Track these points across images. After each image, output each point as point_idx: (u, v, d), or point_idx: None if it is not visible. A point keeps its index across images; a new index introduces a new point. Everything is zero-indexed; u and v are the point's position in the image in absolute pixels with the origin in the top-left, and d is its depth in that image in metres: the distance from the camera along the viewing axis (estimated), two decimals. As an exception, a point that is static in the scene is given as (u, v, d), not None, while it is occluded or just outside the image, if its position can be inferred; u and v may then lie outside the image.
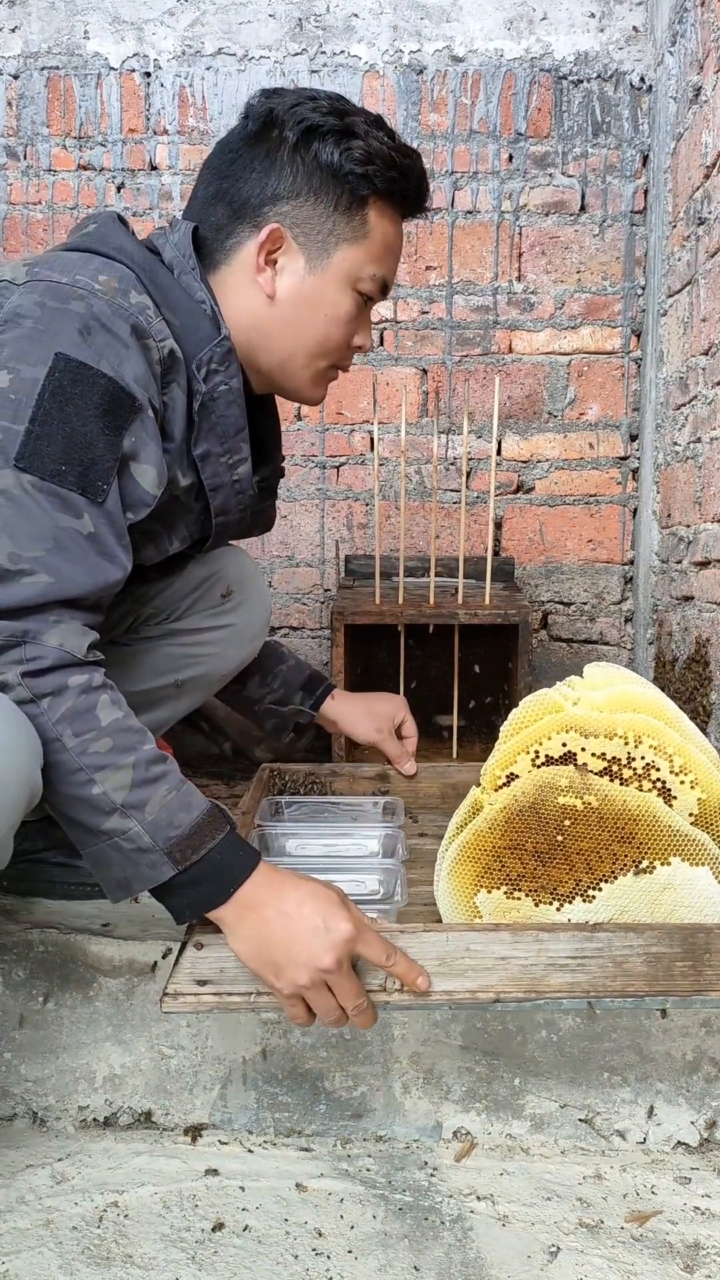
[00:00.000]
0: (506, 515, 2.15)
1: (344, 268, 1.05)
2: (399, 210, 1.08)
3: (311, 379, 1.11)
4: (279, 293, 1.05)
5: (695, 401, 1.72)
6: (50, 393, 0.88)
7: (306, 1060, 1.11)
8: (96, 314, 0.92)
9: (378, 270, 1.07)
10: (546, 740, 1.05)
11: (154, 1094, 1.12)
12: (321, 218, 1.03)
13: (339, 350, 1.10)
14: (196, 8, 2.05)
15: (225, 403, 1.04)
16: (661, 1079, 1.09)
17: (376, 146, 1.03)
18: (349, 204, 1.03)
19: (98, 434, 0.90)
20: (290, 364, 1.09)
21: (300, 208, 1.03)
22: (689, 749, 1.04)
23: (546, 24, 2.03)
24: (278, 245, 1.04)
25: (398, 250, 1.11)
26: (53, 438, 0.88)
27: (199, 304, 1.02)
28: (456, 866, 1.04)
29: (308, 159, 1.02)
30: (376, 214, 1.05)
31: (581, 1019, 1.09)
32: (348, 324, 1.08)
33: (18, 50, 2.06)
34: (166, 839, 0.87)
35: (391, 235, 1.08)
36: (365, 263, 1.06)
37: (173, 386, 1.00)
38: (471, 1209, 0.99)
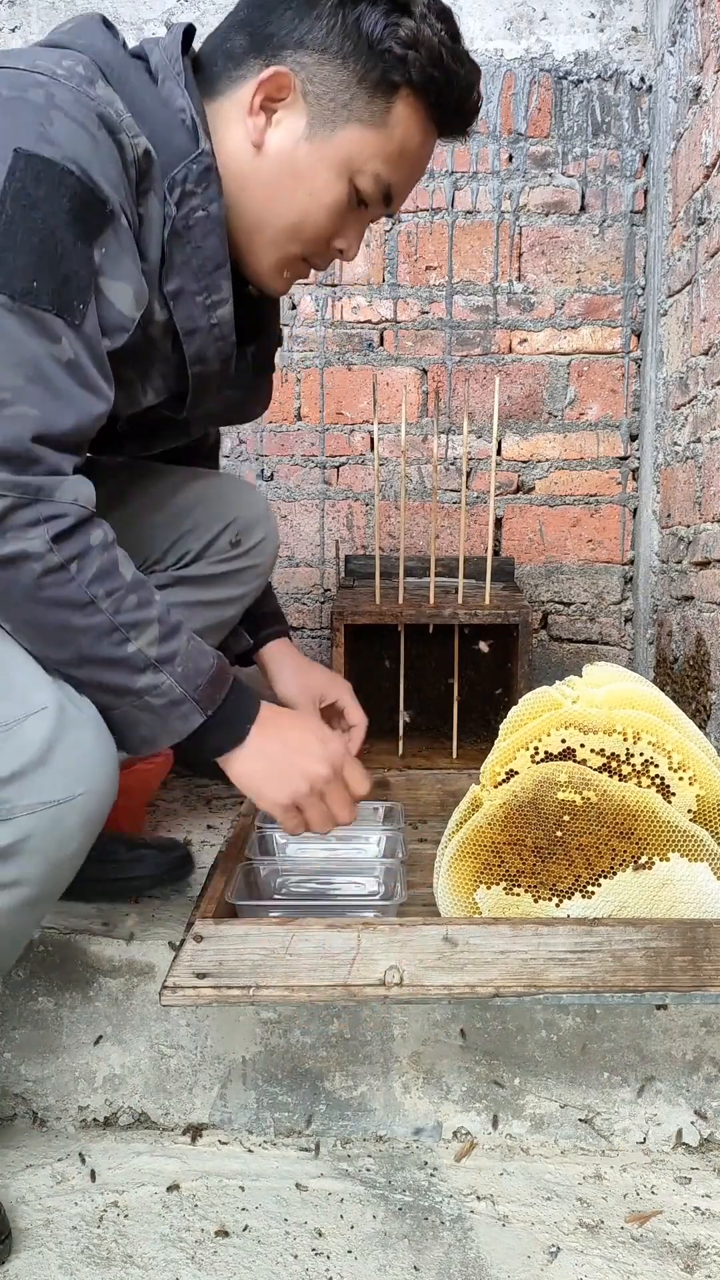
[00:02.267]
0: (506, 515, 2.15)
1: (346, 148, 0.93)
2: (432, 117, 0.95)
3: (276, 262, 0.99)
4: (267, 146, 0.93)
5: (695, 401, 1.72)
6: (11, 197, 0.77)
7: (306, 1060, 1.10)
8: (59, 102, 0.80)
9: (384, 169, 0.94)
10: (546, 736, 1.05)
11: (154, 1094, 1.12)
12: (341, 85, 0.91)
13: (314, 241, 0.98)
14: (196, 8, 2.05)
15: (202, 231, 0.91)
16: (661, 1079, 1.09)
17: (427, 35, 0.90)
18: (376, 83, 0.91)
19: (70, 244, 0.79)
20: (257, 234, 0.97)
21: (323, 65, 0.91)
22: (687, 746, 1.04)
23: (546, 24, 2.03)
24: (282, 94, 0.92)
25: (417, 162, 0.98)
26: (19, 250, 0.76)
27: (176, 111, 0.90)
28: (456, 863, 1.04)
29: (349, 19, 0.90)
30: (404, 108, 0.93)
31: (582, 1018, 1.09)
32: (331, 213, 0.96)
33: (18, 51, 2.06)
34: (195, 688, 0.86)
35: (414, 140, 0.95)
36: (372, 154, 0.93)
37: (149, 197, 0.88)
38: (471, 1209, 0.99)
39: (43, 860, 0.81)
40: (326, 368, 2.12)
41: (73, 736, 0.81)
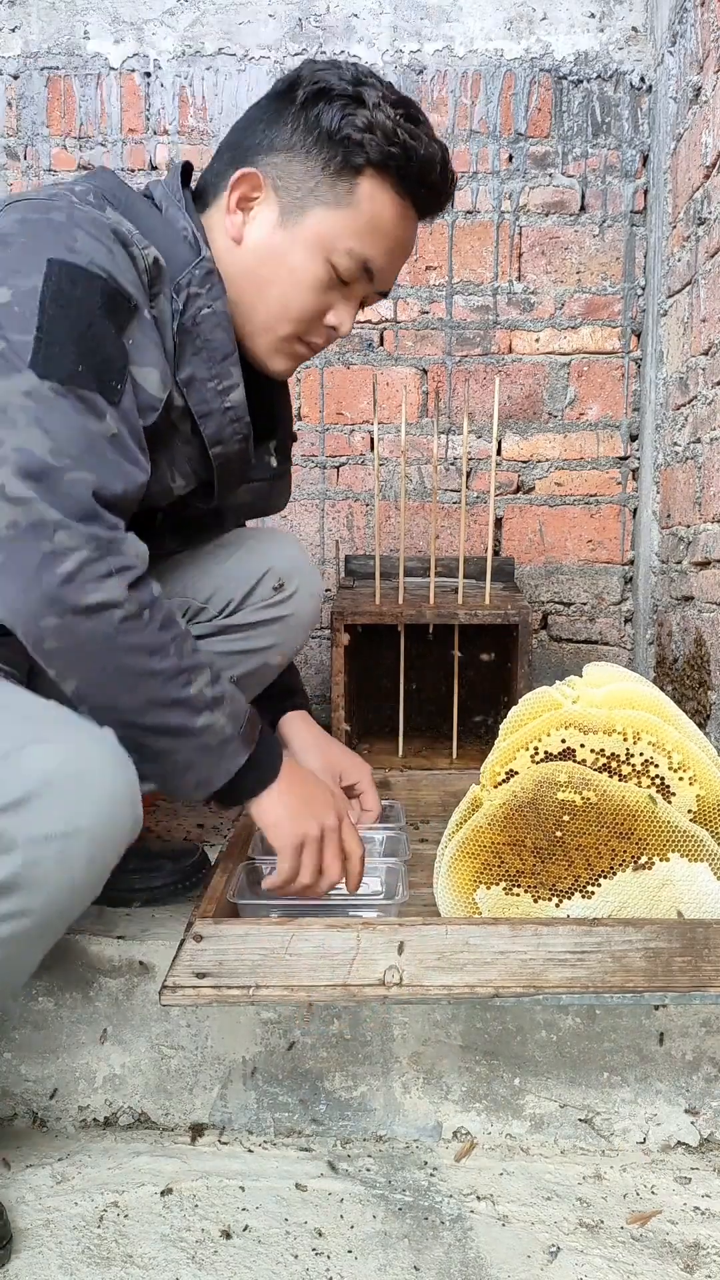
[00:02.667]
0: (506, 515, 2.15)
1: (316, 230, 1.01)
2: (402, 192, 1.03)
3: (273, 345, 1.06)
4: (246, 239, 1.03)
5: (695, 402, 1.72)
6: (51, 297, 0.86)
7: (306, 1060, 1.10)
8: (79, 220, 0.91)
9: (357, 245, 1.01)
10: (546, 736, 1.05)
11: (154, 1094, 1.12)
12: (307, 175, 1.01)
13: (304, 321, 1.05)
14: (196, 8, 2.05)
15: (209, 325, 1.00)
16: (661, 1079, 1.09)
17: (381, 119, 0.99)
18: (339, 168, 1.00)
19: (105, 333, 0.89)
20: (251, 322, 1.05)
21: (290, 162, 1.01)
22: (687, 746, 1.04)
23: (546, 24, 2.03)
24: (255, 192, 1.02)
25: (394, 237, 1.04)
26: (63, 341, 0.86)
27: (179, 230, 1.01)
28: (456, 863, 1.04)
29: (310, 118, 1.00)
30: (370, 186, 1.01)
31: (581, 1019, 1.09)
32: (315, 293, 1.03)
33: (18, 50, 2.06)
34: (239, 727, 0.93)
35: (386, 216, 1.02)
36: (343, 233, 1.01)
37: (160, 298, 0.98)
38: (471, 1209, 0.99)
39: (45, 894, 0.80)
40: (326, 368, 2.12)
41: (79, 767, 0.81)
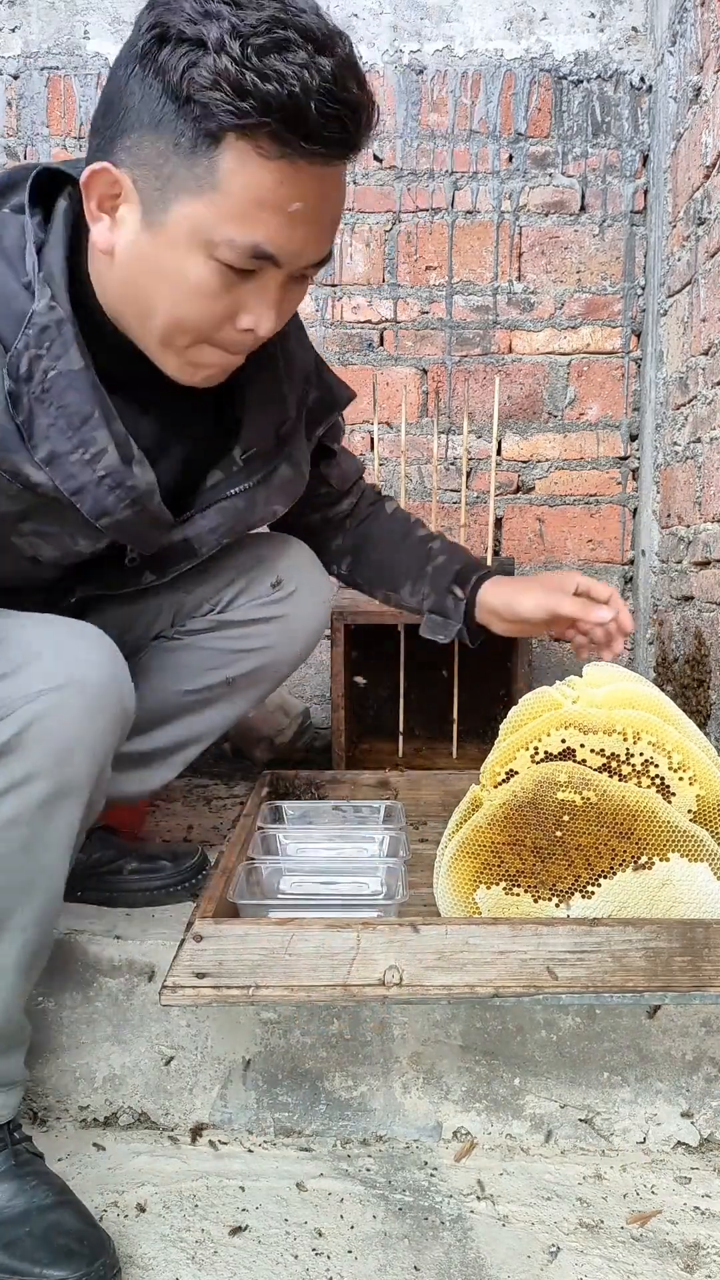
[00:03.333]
0: (506, 515, 2.15)
1: (185, 225, 0.80)
2: (277, 151, 0.77)
3: (178, 361, 0.89)
4: (116, 250, 0.84)
5: (695, 401, 1.72)
6: None
7: (306, 1060, 1.10)
8: None
9: (239, 233, 0.79)
10: (546, 736, 1.05)
11: (154, 1094, 1.12)
12: (159, 158, 0.78)
13: (203, 329, 0.86)
14: (196, 9, 2.05)
15: (58, 390, 0.85)
16: (661, 1079, 1.09)
17: (225, 64, 0.73)
18: (192, 143, 0.77)
19: None
20: (147, 339, 0.88)
21: (141, 143, 0.79)
22: (687, 746, 1.04)
23: (546, 24, 2.03)
24: (114, 190, 0.81)
25: (284, 204, 0.79)
26: None
27: (19, 276, 0.84)
28: (455, 863, 1.04)
29: (150, 79, 0.77)
30: (235, 157, 0.77)
31: (581, 1019, 1.09)
32: (207, 298, 0.83)
33: (18, 50, 2.06)
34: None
35: (264, 187, 0.78)
36: (217, 222, 0.79)
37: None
38: (471, 1209, 0.99)
39: (48, 748, 0.83)
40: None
41: (67, 638, 0.86)
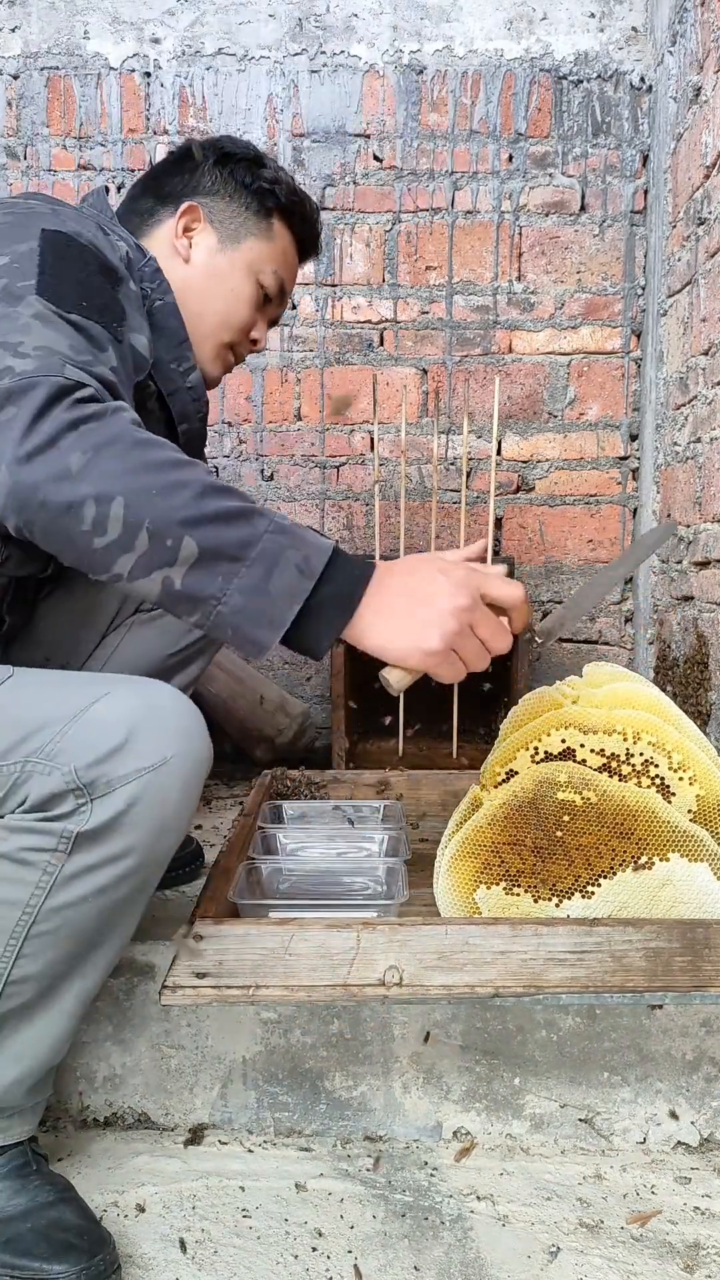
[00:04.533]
0: (506, 515, 2.15)
1: (250, 256, 1.21)
2: (296, 234, 1.25)
3: (213, 351, 1.21)
4: (193, 258, 1.19)
5: (695, 401, 1.72)
6: (50, 253, 0.92)
7: (306, 1060, 1.10)
8: (61, 212, 1.02)
9: (278, 269, 1.23)
10: (546, 736, 1.05)
11: (154, 1094, 1.12)
12: (234, 215, 1.21)
13: (239, 330, 1.22)
14: (196, 8, 2.05)
15: (163, 315, 1.13)
16: (661, 1079, 1.09)
17: (282, 177, 1.23)
18: (258, 210, 1.21)
19: (103, 284, 0.96)
20: (196, 330, 1.18)
21: (216, 203, 1.20)
22: (687, 746, 1.04)
23: (546, 24, 2.03)
24: (195, 223, 1.19)
25: (293, 266, 1.27)
26: (66, 282, 0.91)
27: (118, 240, 1.11)
28: (456, 863, 1.04)
29: (224, 173, 1.21)
30: (279, 225, 1.23)
31: (581, 1018, 1.09)
32: (249, 306, 1.22)
33: (18, 50, 2.06)
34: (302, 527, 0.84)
35: (290, 250, 1.25)
36: (269, 259, 1.22)
37: (135, 285, 1.08)
38: (471, 1209, 0.99)
39: (147, 827, 0.85)
40: (326, 368, 2.12)
41: (151, 704, 0.86)
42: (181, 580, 0.79)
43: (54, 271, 0.91)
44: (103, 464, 0.77)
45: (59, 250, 0.93)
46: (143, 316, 1.06)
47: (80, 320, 0.89)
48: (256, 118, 2.06)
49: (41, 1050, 0.91)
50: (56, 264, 0.92)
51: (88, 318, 0.90)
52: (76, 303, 0.90)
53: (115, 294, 0.98)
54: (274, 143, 2.07)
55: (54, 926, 0.86)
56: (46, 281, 0.89)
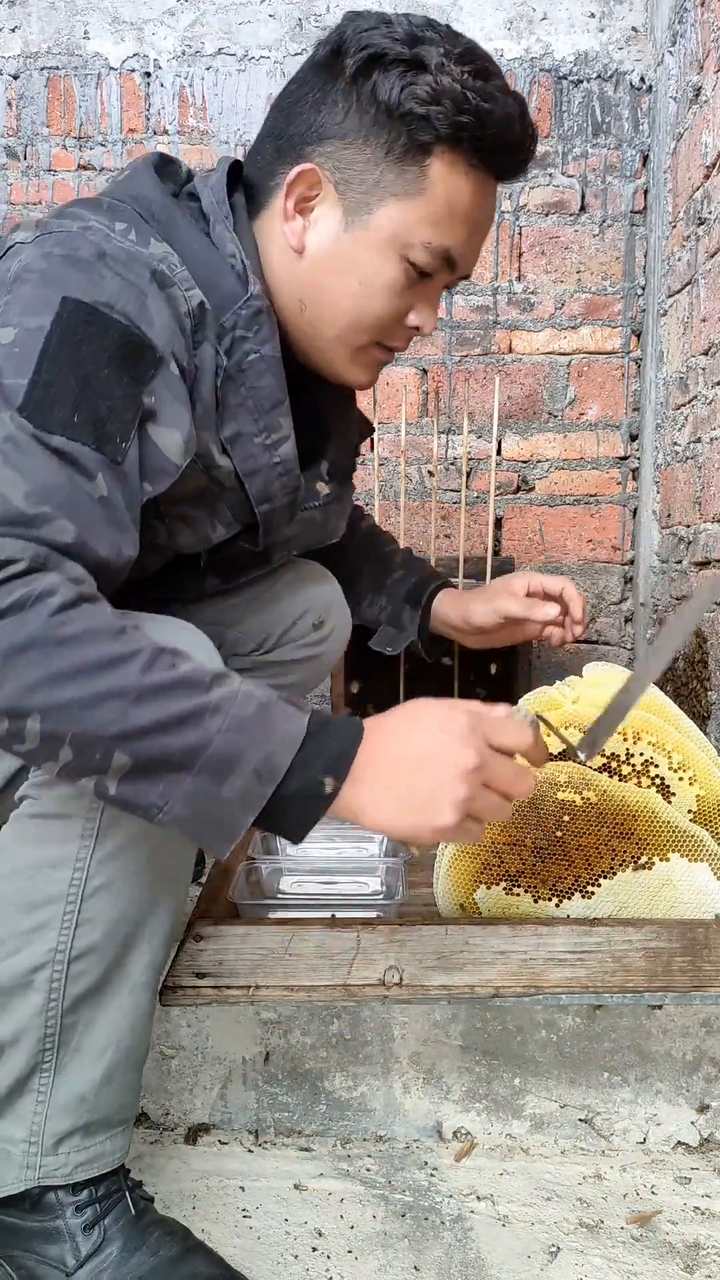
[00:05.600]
0: (506, 515, 2.15)
1: (388, 228, 0.89)
2: (478, 164, 0.89)
3: (349, 357, 0.96)
4: (308, 248, 0.92)
5: (695, 401, 1.72)
6: (59, 337, 0.75)
7: (306, 1060, 1.10)
8: (110, 255, 0.81)
9: (434, 236, 0.89)
10: (546, 736, 1.05)
11: (154, 1094, 1.12)
12: (369, 164, 0.88)
13: (382, 327, 0.94)
14: (196, 8, 2.05)
15: (256, 372, 0.90)
16: (661, 1079, 1.09)
17: (447, 84, 0.85)
18: (404, 151, 0.87)
19: (114, 382, 0.77)
20: (321, 335, 0.95)
21: (347, 149, 0.88)
22: (688, 746, 1.04)
23: (546, 24, 2.03)
24: (313, 191, 0.90)
25: (474, 216, 0.91)
26: (63, 383, 0.74)
27: (226, 257, 0.89)
28: (455, 863, 1.04)
29: (364, 93, 0.87)
30: (443, 167, 0.87)
31: (581, 1019, 1.09)
32: (392, 296, 0.92)
33: (18, 50, 2.06)
34: (268, 692, 0.72)
35: (463, 196, 0.89)
36: (417, 224, 0.89)
37: (204, 346, 0.87)
38: (471, 1209, 0.99)
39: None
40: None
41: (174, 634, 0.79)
42: (116, 788, 0.69)
43: (52, 367, 0.75)
44: (15, 673, 0.66)
45: (71, 335, 0.76)
46: (185, 408, 0.84)
47: (65, 445, 0.73)
48: (256, 118, 2.06)
49: (122, 1037, 0.82)
50: (59, 355, 0.75)
51: (76, 438, 0.74)
52: (67, 419, 0.74)
53: (133, 389, 0.79)
54: (274, 143, 2.07)
55: (108, 879, 0.78)
56: (36, 387, 0.74)
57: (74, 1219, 0.82)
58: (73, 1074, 0.81)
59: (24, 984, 0.79)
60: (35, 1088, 0.81)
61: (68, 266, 0.79)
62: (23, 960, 0.79)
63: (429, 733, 0.73)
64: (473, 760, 0.72)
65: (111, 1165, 0.84)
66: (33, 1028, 0.80)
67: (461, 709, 0.75)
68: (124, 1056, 0.83)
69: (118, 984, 0.81)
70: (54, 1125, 0.81)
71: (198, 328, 0.86)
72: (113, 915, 0.79)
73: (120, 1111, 0.85)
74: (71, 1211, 0.82)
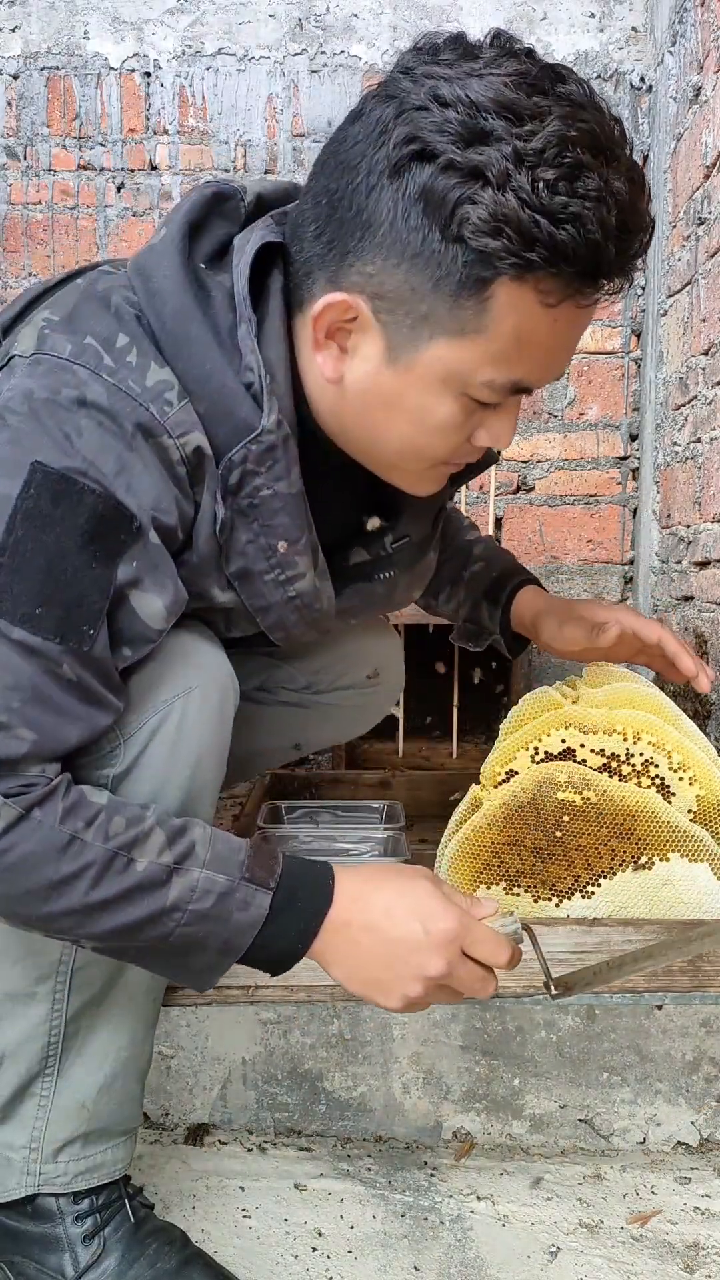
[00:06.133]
0: (506, 515, 2.15)
1: (439, 368, 0.73)
2: (559, 291, 0.70)
3: (410, 479, 0.84)
4: (345, 381, 0.77)
5: (695, 401, 1.72)
6: (24, 515, 0.69)
7: (306, 1060, 1.10)
8: (91, 404, 0.72)
9: (498, 374, 0.73)
10: (546, 736, 1.05)
11: (154, 1094, 1.12)
12: (412, 293, 0.71)
13: (439, 459, 0.81)
14: (196, 8, 2.05)
15: (269, 510, 0.79)
16: (661, 1079, 1.09)
17: (512, 206, 0.65)
18: (459, 284, 0.69)
19: (83, 566, 0.71)
20: (375, 460, 0.84)
21: (388, 268, 0.71)
22: (688, 746, 1.04)
23: (546, 24, 2.03)
24: (349, 316, 0.74)
25: (550, 342, 0.74)
26: (26, 572, 0.69)
27: (243, 377, 0.76)
28: (455, 863, 1.04)
29: (408, 197, 0.69)
30: (509, 302, 0.70)
31: (581, 1019, 1.09)
32: (446, 432, 0.78)
33: (18, 50, 2.06)
34: (238, 865, 0.73)
35: (538, 330, 0.71)
36: (478, 364, 0.73)
37: (202, 488, 0.78)
38: (471, 1209, 0.99)
39: (181, 757, 0.80)
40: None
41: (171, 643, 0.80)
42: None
43: (15, 550, 0.69)
44: None
45: (38, 512, 0.70)
46: (170, 575, 0.77)
47: (27, 638, 0.69)
48: (256, 118, 2.06)
49: (123, 1045, 0.83)
50: (24, 537, 0.69)
51: (38, 632, 0.69)
52: (30, 610, 0.69)
53: (106, 567, 0.72)
54: (274, 143, 2.07)
55: None
56: (1, 570, 0.69)
57: (74, 1228, 0.83)
58: (75, 1080, 0.82)
59: (28, 994, 0.80)
60: (37, 1093, 0.82)
61: (44, 417, 0.72)
62: (28, 970, 0.80)
63: (407, 923, 0.73)
64: (439, 970, 0.72)
65: (111, 1176, 0.84)
66: (36, 1036, 0.81)
67: (451, 908, 0.73)
68: (125, 1065, 0.84)
69: (119, 993, 0.82)
70: (54, 1132, 0.82)
71: (194, 473, 0.77)
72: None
73: (121, 1122, 0.85)
74: (72, 1220, 0.83)
